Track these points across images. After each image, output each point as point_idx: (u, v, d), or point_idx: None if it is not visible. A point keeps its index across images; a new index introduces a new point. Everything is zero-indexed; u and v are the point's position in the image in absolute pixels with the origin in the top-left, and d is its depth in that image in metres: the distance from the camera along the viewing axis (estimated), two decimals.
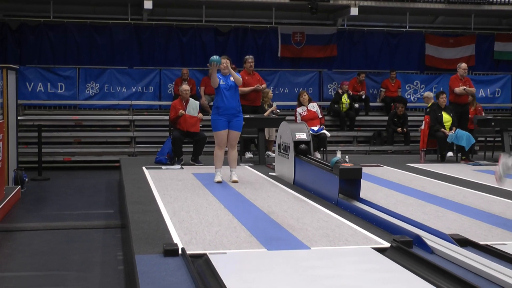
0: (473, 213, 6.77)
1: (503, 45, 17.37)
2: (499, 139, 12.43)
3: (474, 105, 13.77)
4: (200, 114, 11.22)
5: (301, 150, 8.74)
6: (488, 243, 5.41)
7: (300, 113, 12.19)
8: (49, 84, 14.69)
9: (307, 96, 12.33)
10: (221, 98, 8.65)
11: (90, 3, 15.28)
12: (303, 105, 12.23)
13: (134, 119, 14.54)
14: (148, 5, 14.32)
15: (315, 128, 11.70)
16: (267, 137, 12.37)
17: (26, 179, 10.24)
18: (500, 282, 4.35)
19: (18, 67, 11.27)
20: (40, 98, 14.67)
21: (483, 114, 13.95)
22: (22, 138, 12.54)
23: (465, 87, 12.09)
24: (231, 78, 8.70)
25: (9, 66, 10.16)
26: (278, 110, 12.68)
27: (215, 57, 8.50)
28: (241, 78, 8.98)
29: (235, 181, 8.70)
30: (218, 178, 8.73)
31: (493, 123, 12.30)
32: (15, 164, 10.25)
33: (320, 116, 12.33)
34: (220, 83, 8.64)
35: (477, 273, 4.59)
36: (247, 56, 12.26)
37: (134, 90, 15.15)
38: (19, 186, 9.57)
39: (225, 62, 8.70)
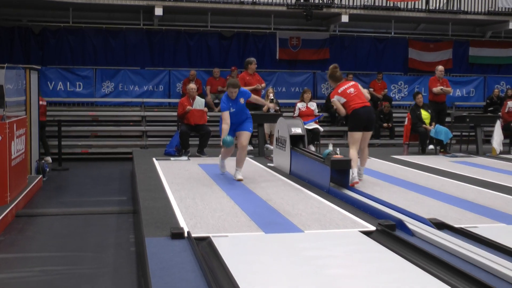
0: (449, 199, 6.76)
1: (477, 50, 17.52)
2: (473, 133, 12.45)
3: None
4: (206, 108, 11.24)
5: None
6: (462, 226, 5.42)
7: (299, 108, 12.16)
8: (68, 83, 14.66)
9: (310, 95, 12.33)
10: (230, 118, 7.83)
11: (106, 10, 15.24)
12: (304, 102, 12.22)
13: (146, 115, 14.52)
14: (158, 12, 14.41)
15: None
16: (268, 132, 12.33)
17: (47, 169, 10.24)
18: (473, 261, 4.37)
19: (40, 67, 11.23)
20: (60, 96, 14.63)
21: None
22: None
23: (442, 87, 12.12)
24: (240, 100, 7.95)
25: (32, 67, 10.12)
26: (278, 107, 12.53)
27: (227, 141, 7.70)
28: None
29: (240, 180, 7.96)
30: (222, 169, 8.62)
31: (468, 120, 12.39)
32: (37, 155, 10.24)
33: (316, 114, 12.31)
34: (230, 110, 7.85)
35: (453, 253, 4.61)
36: (253, 59, 11.89)
37: (145, 89, 15.13)
38: (41, 176, 9.55)
39: (234, 91, 7.79)
